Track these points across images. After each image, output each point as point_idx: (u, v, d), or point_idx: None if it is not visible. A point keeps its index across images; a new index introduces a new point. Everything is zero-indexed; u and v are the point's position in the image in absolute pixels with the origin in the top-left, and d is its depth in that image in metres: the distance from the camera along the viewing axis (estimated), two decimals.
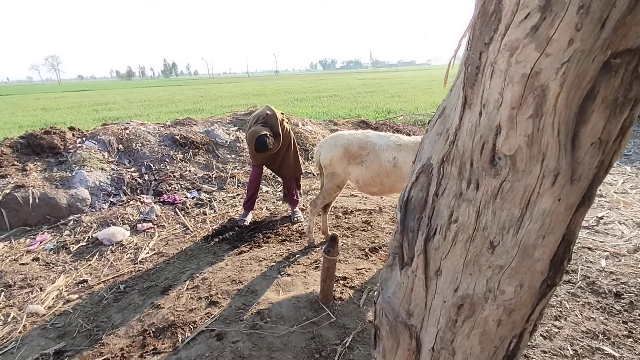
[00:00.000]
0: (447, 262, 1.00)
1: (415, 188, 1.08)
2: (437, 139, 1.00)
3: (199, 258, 3.55)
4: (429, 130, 1.09)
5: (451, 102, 0.97)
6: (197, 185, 5.06)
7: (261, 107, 4.36)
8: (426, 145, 1.07)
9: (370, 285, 3.01)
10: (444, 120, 0.99)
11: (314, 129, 7.75)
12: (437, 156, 0.99)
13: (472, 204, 0.90)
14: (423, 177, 1.05)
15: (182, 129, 6.00)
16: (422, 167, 1.06)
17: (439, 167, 0.98)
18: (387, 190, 3.42)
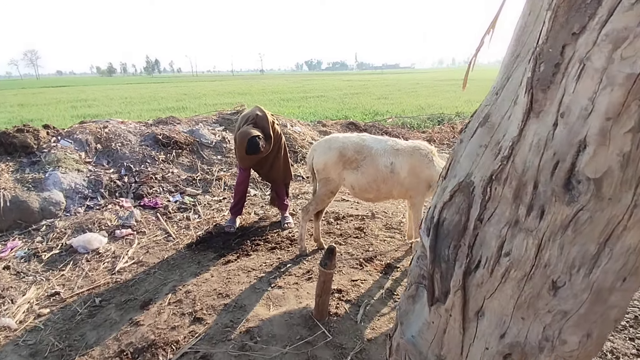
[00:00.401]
0: (492, 302, 0.82)
1: (449, 209, 0.90)
2: (481, 152, 0.83)
3: (182, 268, 3.31)
4: (464, 140, 0.91)
5: (500, 109, 0.80)
6: (180, 188, 4.79)
7: (249, 106, 4.15)
8: (463, 158, 0.89)
9: (366, 298, 2.83)
10: (489, 130, 0.82)
11: (302, 130, 7.55)
12: (482, 173, 0.81)
13: (533, 235, 0.73)
14: (460, 197, 0.87)
15: (165, 128, 5.71)
16: (458, 185, 0.88)
17: (484, 186, 0.80)
18: (383, 197, 3.27)
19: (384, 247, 3.70)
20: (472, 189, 0.84)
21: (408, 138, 8.56)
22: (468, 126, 0.93)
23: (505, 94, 0.80)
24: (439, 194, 0.97)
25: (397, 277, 3.16)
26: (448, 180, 0.94)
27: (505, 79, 0.82)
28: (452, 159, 0.95)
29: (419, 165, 3.07)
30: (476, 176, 0.83)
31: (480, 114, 0.89)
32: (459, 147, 0.93)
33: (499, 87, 0.84)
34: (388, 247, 3.69)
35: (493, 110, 0.83)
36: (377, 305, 2.76)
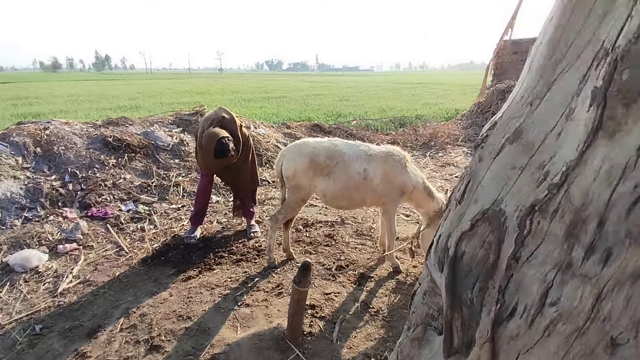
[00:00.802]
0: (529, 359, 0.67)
1: (469, 241, 0.74)
2: (514, 175, 0.68)
3: (137, 287, 2.98)
4: (484, 158, 0.76)
5: (540, 123, 0.65)
6: (133, 196, 4.38)
7: (209, 107, 3.86)
8: (488, 181, 0.74)
9: (342, 313, 2.67)
10: (525, 149, 0.67)
11: (267, 132, 7.29)
12: (518, 202, 0.66)
13: (591, 283, 0.58)
14: (485, 228, 0.71)
15: (116, 130, 5.24)
16: (482, 213, 0.73)
17: (522, 218, 0.65)
18: (356, 205, 3.13)
19: (356, 255, 3.57)
20: (504, 220, 0.69)
21: (373, 141, 8.55)
22: (487, 141, 0.79)
23: (548, 106, 0.66)
24: (453, 221, 0.81)
25: (371, 288, 3.03)
26: (466, 205, 0.79)
27: (543, 87, 0.68)
28: (470, 181, 0.80)
29: (392, 171, 2.96)
30: (509, 204, 0.68)
31: (506, 127, 0.74)
32: (479, 167, 0.78)
33: (533, 97, 0.70)
34: (360, 256, 3.56)
35: (529, 125, 0.69)
36: (353, 320, 2.61)
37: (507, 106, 0.80)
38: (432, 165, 6.85)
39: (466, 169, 0.83)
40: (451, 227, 0.81)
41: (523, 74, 0.81)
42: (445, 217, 0.86)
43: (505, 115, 0.77)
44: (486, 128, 0.86)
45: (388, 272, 3.25)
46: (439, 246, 0.84)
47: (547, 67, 0.69)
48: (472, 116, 10.03)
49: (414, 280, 3.16)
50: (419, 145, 8.27)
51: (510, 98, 0.81)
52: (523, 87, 0.76)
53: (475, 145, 0.83)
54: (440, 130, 8.89)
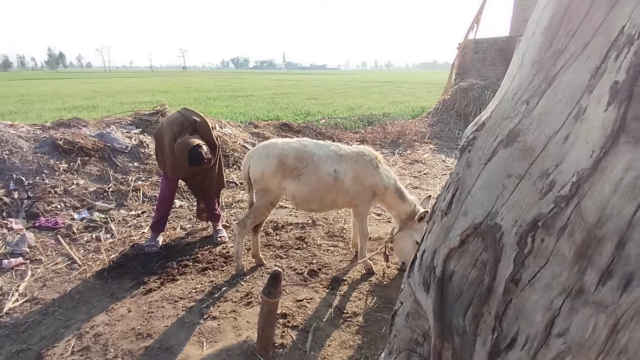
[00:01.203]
0: None
1: (459, 259, 0.65)
2: (510, 184, 0.59)
3: (91, 303, 2.73)
4: (473, 163, 0.67)
5: (541, 124, 0.57)
6: (88, 203, 4.06)
7: (171, 106, 3.62)
8: (478, 190, 0.65)
9: (314, 321, 2.56)
10: (524, 154, 0.58)
11: (233, 132, 7.05)
12: (517, 215, 0.57)
13: (606, 313, 0.50)
14: (478, 245, 0.62)
15: (67, 132, 4.85)
16: (474, 227, 0.63)
17: (522, 235, 0.56)
18: (327, 207, 3.03)
19: (328, 258, 3.47)
20: (500, 236, 0.60)
21: (342, 139, 8.50)
22: (476, 143, 0.69)
23: (550, 105, 0.57)
24: (439, 235, 0.72)
25: (345, 292, 2.94)
26: (454, 218, 0.69)
27: (542, 83, 0.59)
28: (458, 189, 0.70)
29: (363, 172, 2.88)
30: (505, 218, 0.59)
31: (497, 128, 0.65)
32: (468, 174, 0.68)
33: (529, 94, 0.61)
34: (332, 258, 3.46)
35: (526, 126, 0.60)
36: (326, 328, 2.51)
37: (496, 104, 0.71)
38: (401, 163, 6.88)
39: (452, 175, 0.74)
40: (437, 242, 0.72)
41: (512, 68, 0.72)
42: (430, 229, 0.76)
43: (495, 115, 0.68)
44: (472, 128, 0.77)
45: (361, 275, 3.17)
46: (424, 263, 0.74)
47: (544, 60, 0.61)
48: (437, 114, 10.22)
49: (388, 281, 3.11)
50: (388, 143, 8.31)
51: (498, 95, 0.72)
52: (515, 83, 0.67)
53: (461, 148, 0.74)
54: (407, 128, 8.98)
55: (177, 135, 3.20)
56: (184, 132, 3.20)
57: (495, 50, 11.13)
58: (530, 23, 0.70)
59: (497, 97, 0.74)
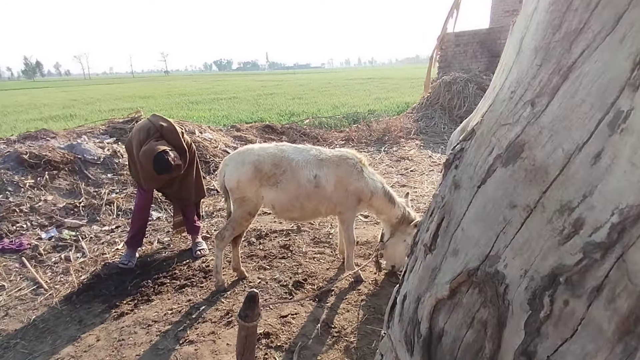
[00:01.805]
0: None
1: (449, 314, 0.50)
2: (515, 218, 0.43)
3: (56, 332, 2.51)
4: (462, 184, 0.50)
5: (559, 135, 0.40)
6: (57, 220, 3.81)
7: (149, 112, 3.39)
8: (471, 222, 0.48)
9: (300, 339, 2.39)
10: (533, 177, 0.42)
11: (214, 137, 6.82)
12: (526, 264, 0.42)
13: None
14: (473, 298, 0.46)
15: (34, 145, 4.57)
16: (467, 274, 0.47)
17: (537, 292, 0.41)
18: (309, 216, 2.85)
19: (315, 266, 3.30)
20: (504, 290, 0.43)
21: (327, 139, 8.34)
22: (465, 157, 0.53)
23: (568, 107, 0.41)
24: (423, 278, 0.55)
25: (332, 304, 2.77)
26: (441, 256, 0.53)
27: (552, 77, 0.43)
28: (444, 218, 0.53)
29: (346, 177, 2.71)
30: (511, 266, 0.43)
31: (492, 138, 0.49)
32: (456, 198, 0.52)
33: (535, 92, 0.45)
34: (319, 267, 3.29)
35: (534, 137, 0.44)
36: (313, 347, 2.34)
37: (488, 106, 0.55)
38: (387, 161, 6.75)
39: (435, 198, 0.57)
40: (421, 287, 0.55)
41: (506, 58, 0.56)
42: (411, 267, 0.60)
43: (488, 120, 0.52)
44: (457, 137, 0.61)
45: (349, 283, 3.01)
46: (405, 313, 0.57)
47: (553, 45, 0.44)
48: (422, 109, 10.13)
49: (379, 289, 2.95)
50: (373, 140, 8.18)
51: (490, 94, 0.56)
52: (512, 78, 0.51)
53: (446, 163, 0.57)
54: (392, 125, 8.86)
55: (143, 142, 2.99)
56: (150, 139, 2.99)
57: (477, 42, 11.10)
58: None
59: (488, 95, 0.58)
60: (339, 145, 7.93)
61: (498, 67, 0.60)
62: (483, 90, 9.88)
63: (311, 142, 8.03)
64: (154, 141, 2.98)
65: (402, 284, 0.63)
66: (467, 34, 11.37)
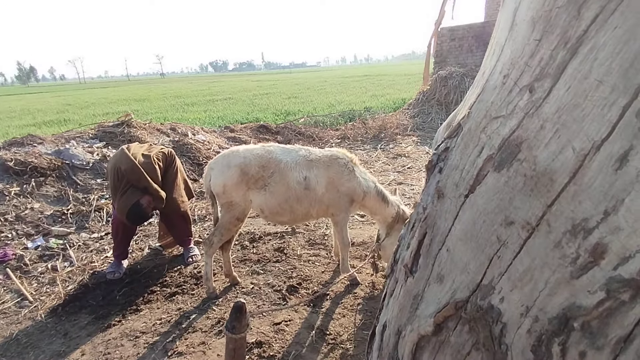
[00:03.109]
0: None
1: (435, 353, 0.38)
2: (516, 240, 0.32)
3: (40, 347, 2.40)
4: (447, 193, 0.40)
5: (567, 130, 0.29)
6: (43, 229, 3.70)
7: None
8: (461, 240, 0.37)
9: (294, 347, 2.29)
10: (535, 185, 0.32)
11: (207, 138, 6.71)
12: (529, 299, 0.31)
13: None
14: (463, 337, 0.36)
15: (20, 152, 4.45)
16: (455, 307, 0.37)
17: (543, 338, 0.29)
18: (300, 219, 2.75)
19: (309, 269, 3.20)
20: (500, 331, 0.33)
21: (323, 137, 8.24)
22: (450, 158, 0.42)
23: (579, 91, 0.31)
24: (404, 307, 0.45)
25: (327, 309, 2.67)
26: (422, 281, 0.43)
27: (559, 53, 0.33)
28: (426, 234, 0.43)
29: (338, 177, 2.60)
30: (508, 299, 0.33)
31: (481, 134, 0.39)
32: (439, 209, 0.42)
33: (533, 75, 0.35)
34: (314, 270, 3.19)
35: (534, 132, 0.34)
36: (307, 355, 2.24)
37: (477, 95, 0.45)
38: (384, 158, 6.65)
39: (417, 209, 0.47)
40: (401, 317, 0.45)
41: (498, 37, 0.46)
42: (391, 291, 0.50)
43: (476, 112, 0.41)
44: (443, 133, 0.51)
45: (345, 287, 2.91)
46: (385, 348, 0.47)
47: (556, 12, 0.34)
48: (418, 104, 10.03)
49: (376, 292, 2.85)
50: (369, 138, 8.07)
51: (479, 81, 0.46)
52: (505, 59, 0.41)
53: (429, 166, 0.47)
54: (389, 122, 8.76)
55: (115, 191, 2.86)
56: (121, 188, 2.84)
57: (472, 36, 10.99)
58: None
59: (477, 83, 0.47)
60: (334, 143, 7.83)
61: (488, 49, 0.51)
62: None
63: (307, 141, 7.93)
64: (122, 192, 2.81)
65: (382, 309, 0.54)
66: (462, 28, 11.26)
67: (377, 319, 0.57)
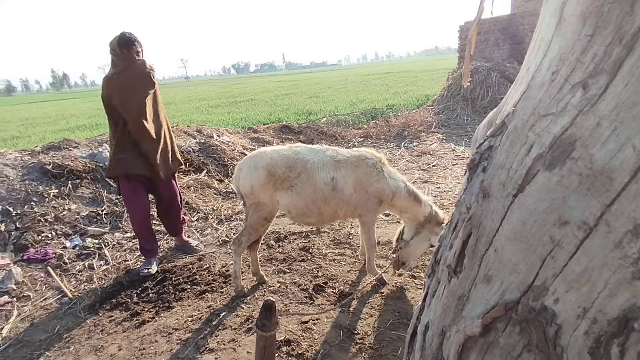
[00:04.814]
0: None
1: (481, 357, 0.38)
2: (571, 240, 0.32)
3: (79, 342, 2.52)
4: (491, 189, 0.40)
5: (626, 128, 0.28)
6: (80, 229, 3.87)
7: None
8: (511, 241, 0.37)
9: (322, 347, 2.30)
10: (592, 184, 0.33)
11: (231, 139, 6.83)
12: (586, 300, 0.32)
13: None
14: (513, 338, 0.36)
15: (57, 155, 4.67)
16: (504, 307, 0.37)
17: (601, 340, 0.30)
18: (327, 220, 2.75)
19: (335, 268, 3.21)
20: (555, 333, 0.33)
21: (345, 137, 8.22)
22: (495, 157, 0.42)
23: (637, 90, 0.30)
24: (448, 307, 0.45)
25: (355, 308, 2.67)
26: (468, 282, 0.42)
27: (615, 49, 0.32)
28: (471, 234, 0.43)
29: (366, 178, 2.58)
30: (563, 300, 0.33)
31: (529, 133, 0.38)
32: (485, 209, 0.42)
33: (588, 71, 0.34)
34: (339, 269, 3.20)
35: (588, 131, 0.33)
36: (336, 354, 2.25)
37: (521, 92, 0.44)
38: (407, 156, 6.57)
39: (459, 208, 0.47)
40: (445, 318, 0.45)
41: (542, 32, 0.45)
42: (433, 290, 0.50)
43: (522, 110, 0.41)
44: (484, 132, 0.50)
45: (372, 286, 2.90)
46: (428, 348, 0.47)
47: (608, 7, 0.33)
48: (442, 101, 9.85)
49: (401, 292, 2.83)
50: (392, 136, 8.00)
51: (523, 77, 0.45)
52: (553, 55, 0.40)
53: (471, 165, 0.47)
54: (412, 119, 8.64)
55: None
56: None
57: (498, 29, 10.69)
58: None
59: (520, 79, 0.46)
60: (357, 142, 7.80)
61: (531, 45, 0.50)
62: (507, 78, 9.50)
63: (329, 140, 7.94)
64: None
65: (423, 309, 0.54)
66: (488, 21, 10.97)
67: (417, 319, 0.57)
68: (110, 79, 3.06)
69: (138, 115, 3.06)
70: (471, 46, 0.74)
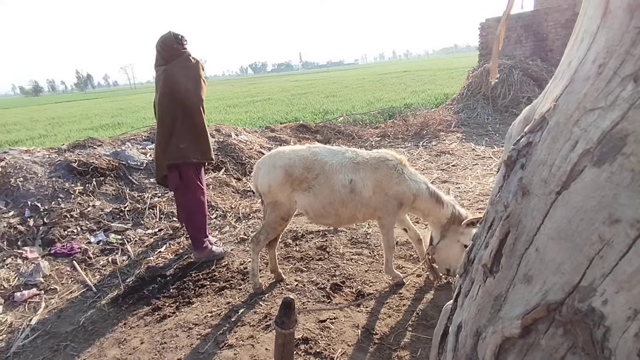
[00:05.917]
0: None
1: (522, 357, 0.36)
2: (621, 239, 0.30)
3: (103, 335, 2.59)
4: (531, 187, 0.39)
5: None
6: (104, 225, 3.98)
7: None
8: (553, 240, 0.36)
9: (340, 345, 2.29)
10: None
11: (249, 138, 6.89)
12: (637, 302, 0.27)
13: None
14: (556, 340, 0.36)
15: (82, 153, 4.81)
16: (547, 308, 0.36)
17: None
18: (345, 222, 2.73)
19: (352, 268, 3.20)
20: (603, 335, 0.31)
21: (362, 136, 8.18)
22: (535, 154, 0.41)
23: None
24: (483, 307, 0.44)
25: (372, 308, 2.65)
26: (506, 282, 0.41)
27: None
28: (509, 233, 0.42)
29: (386, 180, 2.54)
30: (612, 302, 0.31)
31: (574, 128, 0.37)
32: (525, 207, 0.40)
33: (638, 63, 0.32)
34: (357, 268, 3.18)
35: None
36: (354, 354, 2.24)
37: (563, 86, 0.43)
38: (426, 156, 6.49)
39: (494, 206, 0.45)
40: (480, 319, 0.44)
41: (585, 24, 0.43)
42: (466, 290, 0.49)
43: (565, 105, 0.39)
44: (520, 128, 0.49)
45: (390, 287, 2.88)
46: (461, 348, 0.46)
47: None
48: (462, 99, 9.68)
49: (421, 294, 2.79)
50: (410, 135, 7.91)
51: (564, 71, 0.43)
52: (599, 47, 0.38)
53: (508, 162, 0.45)
54: (431, 118, 8.53)
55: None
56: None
57: (520, 26, 10.44)
58: None
59: (560, 74, 0.45)
60: (374, 141, 7.75)
61: (572, 38, 0.48)
62: (530, 76, 9.27)
63: (346, 139, 7.92)
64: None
65: (455, 310, 0.52)
66: (510, 18, 10.71)
67: (448, 319, 0.56)
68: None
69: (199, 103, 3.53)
70: (499, 42, 0.72)
